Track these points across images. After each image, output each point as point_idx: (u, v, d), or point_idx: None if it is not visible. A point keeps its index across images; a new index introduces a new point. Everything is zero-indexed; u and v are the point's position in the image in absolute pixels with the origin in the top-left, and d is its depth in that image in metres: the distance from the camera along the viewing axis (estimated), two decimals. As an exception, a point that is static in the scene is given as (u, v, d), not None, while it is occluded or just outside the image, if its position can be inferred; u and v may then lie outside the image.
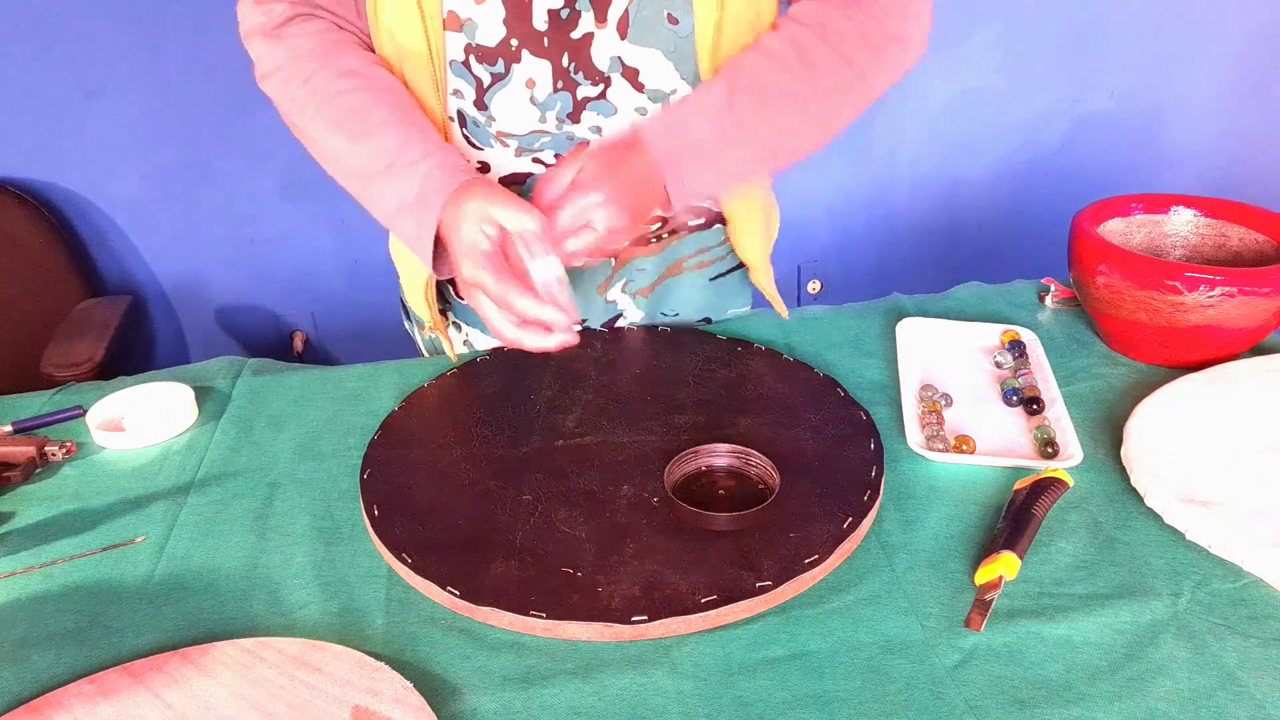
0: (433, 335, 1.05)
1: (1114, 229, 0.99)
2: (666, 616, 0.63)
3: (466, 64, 0.83)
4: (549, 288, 0.75)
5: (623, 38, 0.83)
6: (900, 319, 0.98)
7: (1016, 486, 0.75)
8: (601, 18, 0.82)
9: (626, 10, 0.82)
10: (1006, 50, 1.93)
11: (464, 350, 1.04)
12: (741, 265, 1.05)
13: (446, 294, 1.02)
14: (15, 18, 1.62)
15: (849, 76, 0.83)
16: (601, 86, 0.85)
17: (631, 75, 0.85)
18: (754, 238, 0.98)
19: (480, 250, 0.75)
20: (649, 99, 0.86)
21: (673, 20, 0.83)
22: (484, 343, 1.02)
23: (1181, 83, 2.03)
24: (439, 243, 0.80)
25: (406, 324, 1.13)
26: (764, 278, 1.01)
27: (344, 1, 0.85)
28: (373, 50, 0.87)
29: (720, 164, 0.82)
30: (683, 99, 0.83)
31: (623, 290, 1.00)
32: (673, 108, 0.82)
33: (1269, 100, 2.08)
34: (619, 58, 0.84)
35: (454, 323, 1.03)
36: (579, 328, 0.78)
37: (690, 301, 1.03)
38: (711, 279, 1.04)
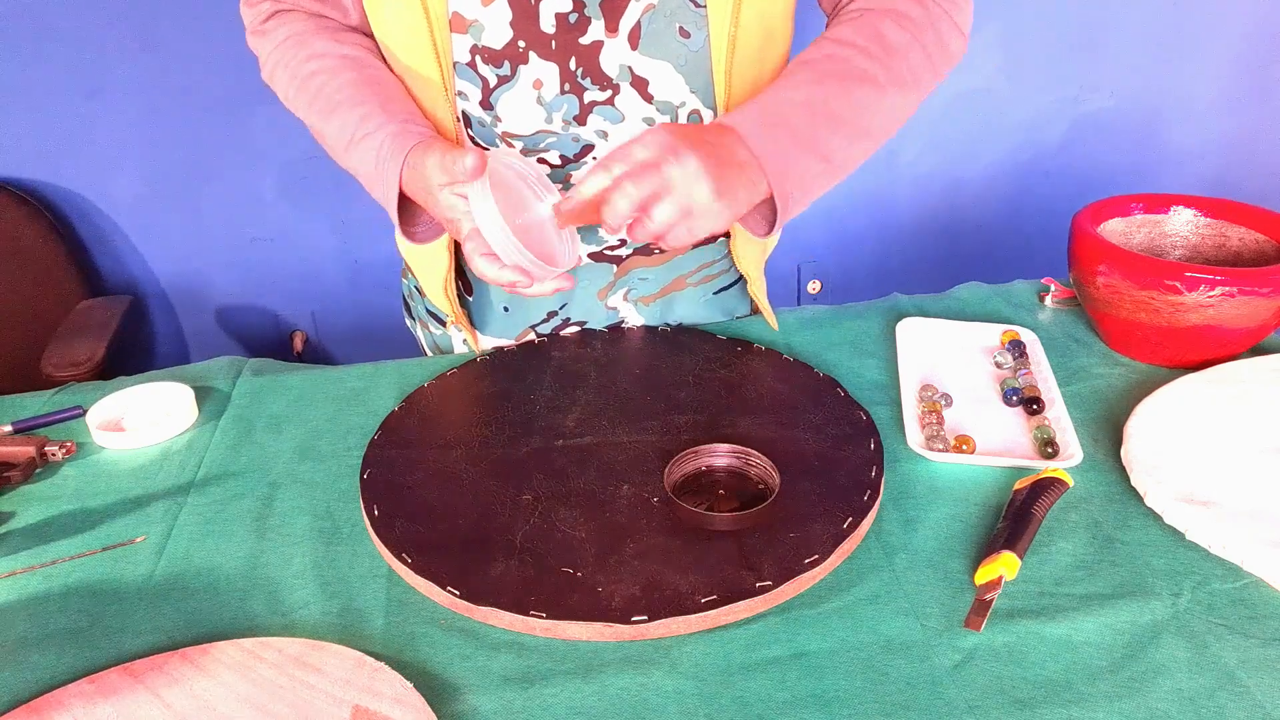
0: (441, 332, 1.05)
1: (1114, 229, 0.99)
2: (666, 616, 0.63)
3: (472, 65, 0.83)
4: (496, 240, 0.72)
5: (634, 48, 0.83)
6: (900, 319, 0.98)
7: (1016, 486, 0.75)
8: (613, 27, 0.82)
9: (639, 22, 0.82)
10: (1006, 50, 1.93)
11: (466, 348, 1.04)
12: (742, 278, 1.05)
13: (462, 290, 1.01)
14: (15, 18, 1.62)
15: (923, 61, 0.82)
16: (610, 93, 0.85)
17: (641, 85, 0.85)
18: (753, 249, 0.98)
19: (461, 209, 0.75)
20: (657, 110, 0.86)
21: (684, 34, 0.83)
22: (488, 344, 1.02)
23: (1181, 83, 2.03)
24: (414, 211, 0.83)
25: (409, 321, 1.13)
26: (759, 289, 1.01)
27: (330, 4, 0.87)
28: (354, 32, 0.89)
29: (819, 158, 0.77)
30: (766, 93, 0.78)
31: (624, 298, 1.00)
32: (760, 102, 0.77)
33: (1269, 100, 2.08)
34: (629, 67, 0.84)
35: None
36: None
37: (692, 315, 1.03)
38: (714, 293, 1.04)
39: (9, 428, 0.88)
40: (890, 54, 0.80)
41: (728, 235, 0.99)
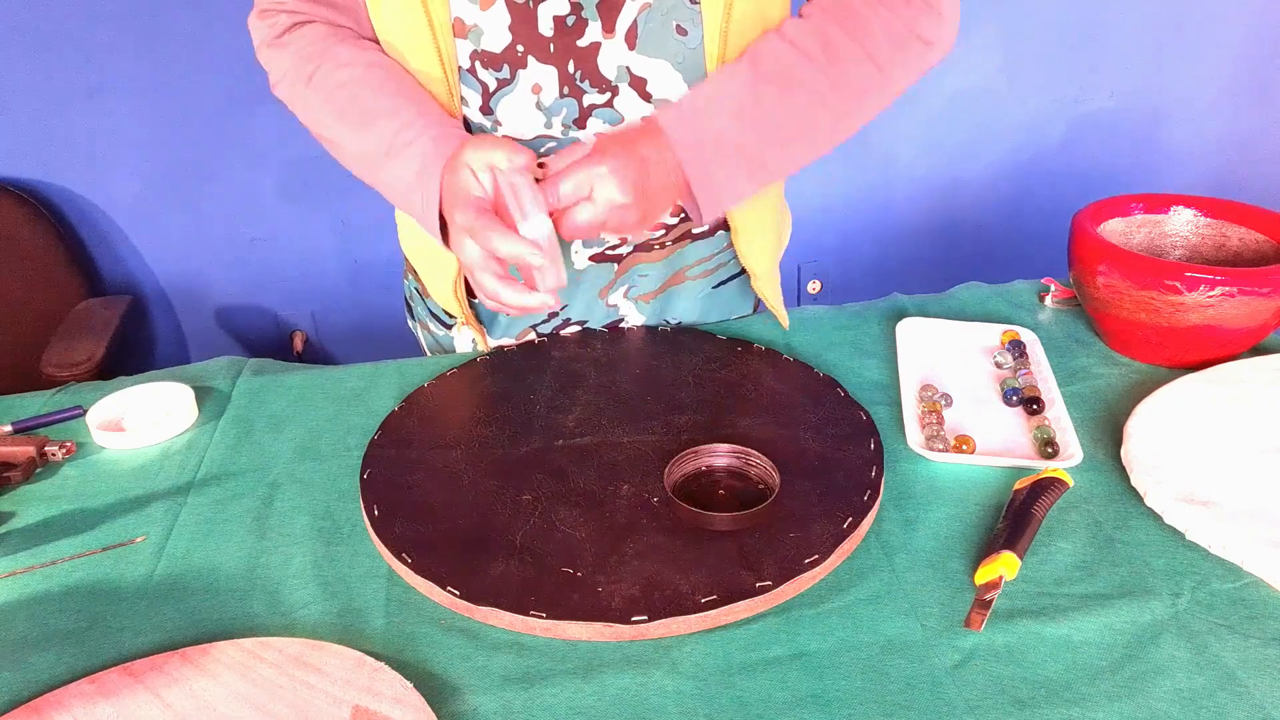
0: (443, 332, 1.05)
1: (1114, 229, 0.99)
2: (666, 616, 0.63)
3: (472, 70, 0.83)
4: (537, 233, 0.74)
5: (631, 48, 0.83)
6: (900, 319, 0.98)
7: (1016, 486, 0.75)
8: (609, 28, 0.82)
9: (635, 21, 0.81)
10: (1006, 50, 1.94)
11: (474, 348, 1.04)
12: (743, 272, 1.05)
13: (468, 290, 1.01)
14: (15, 18, 1.62)
15: (872, 73, 0.81)
16: (608, 95, 0.85)
17: (639, 85, 0.85)
18: (761, 245, 0.98)
19: (471, 194, 0.76)
20: (656, 109, 0.86)
21: (681, 32, 0.83)
22: (492, 344, 1.02)
23: (1181, 83, 2.03)
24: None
25: (410, 322, 1.13)
26: (768, 286, 1.01)
27: (341, 10, 0.86)
28: (371, 39, 0.88)
29: (745, 161, 0.80)
30: (702, 88, 0.80)
31: (625, 296, 1.00)
32: (693, 99, 0.80)
33: (1269, 100, 2.08)
34: (627, 68, 0.84)
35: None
36: (564, 299, 0.77)
37: (692, 310, 1.03)
38: (714, 287, 1.04)
39: (9, 428, 0.88)
40: (835, 63, 0.80)
41: (728, 229, 0.99)
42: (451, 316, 1.03)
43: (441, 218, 0.80)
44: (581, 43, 0.82)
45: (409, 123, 0.81)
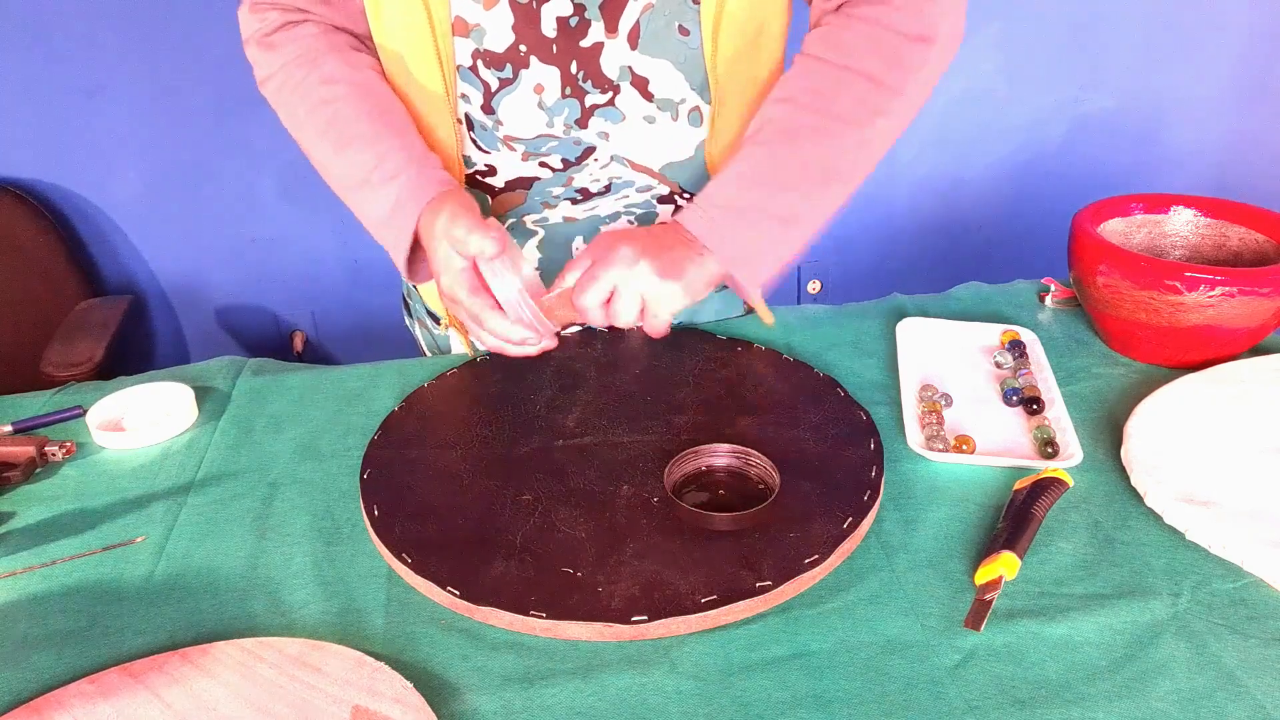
0: (441, 332, 1.05)
1: (1114, 229, 0.99)
2: (666, 616, 0.63)
3: (474, 69, 0.83)
4: (513, 305, 0.77)
5: (634, 48, 0.83)
6: (900, 319, 0.98)
7: (1016, 486, 0.75)
8: (612, 28, 0.82)
9: (638, 22, 0.82)
10: (1006, 50, 1.93)
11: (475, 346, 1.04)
12: None
13: None
14: (15, 18, 1.62)
15: (872, 91, 0.78)
16: (610, 94, 0.85)
17: (641, 84, 0.85)
18: None
19: (455, 267, 0.77)
20: (658, 108, 0.86)
21: (684, 32, 0.83)
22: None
23: (1181, 83, 2.03)
24: (421, 250, 0.83)
25: (408, 321, 1.13)
26: None
27: (336, 7, 0.86)
28: (364, 50, 0.88)
29: (772, 220, 0.78)
30: (712, 181, 0.80)
31: None
32: (701, 196, 0.79)
33: (1269, 100, 2.08)
34: (629, 67, 0.84)
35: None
36: (558, 331, 0.79)
37: (689, 312, 1.03)
38: (716, 291, 1.04)
39: (9, 428, 0.88)
40: (827, 98, 0.78)
41: None
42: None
43: (415, 241, 0.82)
44: (584, 43, 0.82)
45: (387, 155, 0.81)
